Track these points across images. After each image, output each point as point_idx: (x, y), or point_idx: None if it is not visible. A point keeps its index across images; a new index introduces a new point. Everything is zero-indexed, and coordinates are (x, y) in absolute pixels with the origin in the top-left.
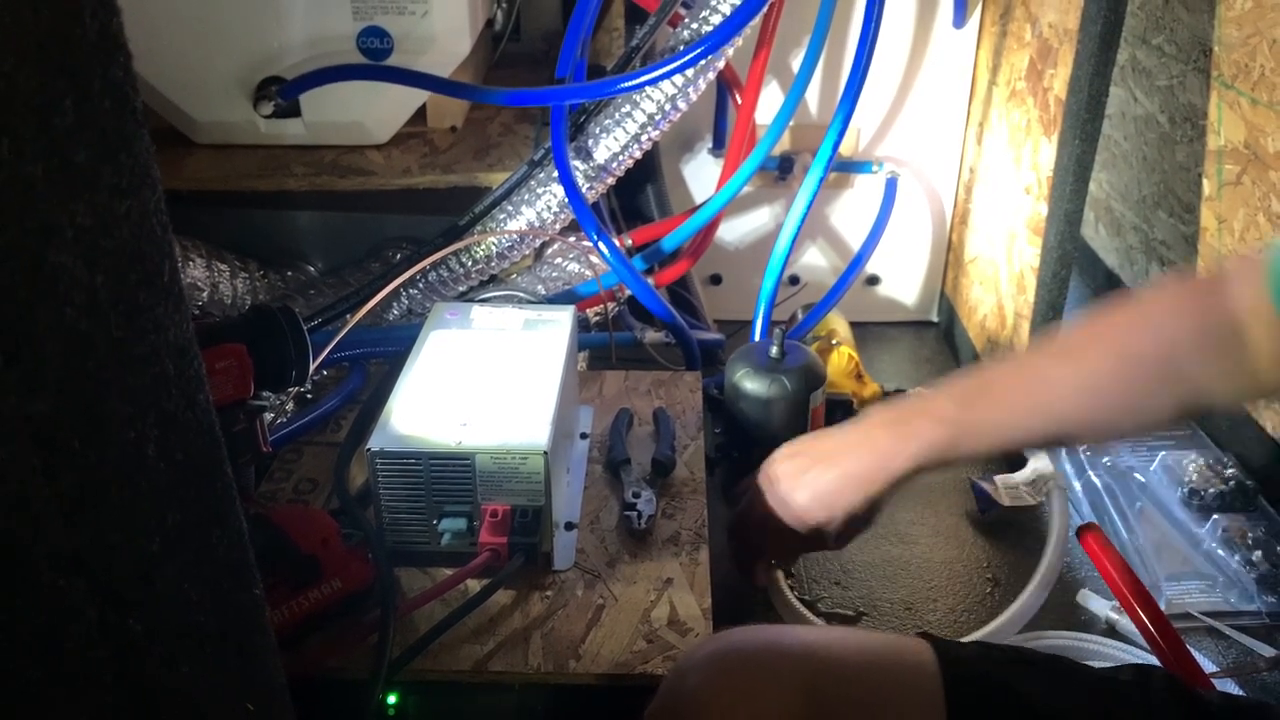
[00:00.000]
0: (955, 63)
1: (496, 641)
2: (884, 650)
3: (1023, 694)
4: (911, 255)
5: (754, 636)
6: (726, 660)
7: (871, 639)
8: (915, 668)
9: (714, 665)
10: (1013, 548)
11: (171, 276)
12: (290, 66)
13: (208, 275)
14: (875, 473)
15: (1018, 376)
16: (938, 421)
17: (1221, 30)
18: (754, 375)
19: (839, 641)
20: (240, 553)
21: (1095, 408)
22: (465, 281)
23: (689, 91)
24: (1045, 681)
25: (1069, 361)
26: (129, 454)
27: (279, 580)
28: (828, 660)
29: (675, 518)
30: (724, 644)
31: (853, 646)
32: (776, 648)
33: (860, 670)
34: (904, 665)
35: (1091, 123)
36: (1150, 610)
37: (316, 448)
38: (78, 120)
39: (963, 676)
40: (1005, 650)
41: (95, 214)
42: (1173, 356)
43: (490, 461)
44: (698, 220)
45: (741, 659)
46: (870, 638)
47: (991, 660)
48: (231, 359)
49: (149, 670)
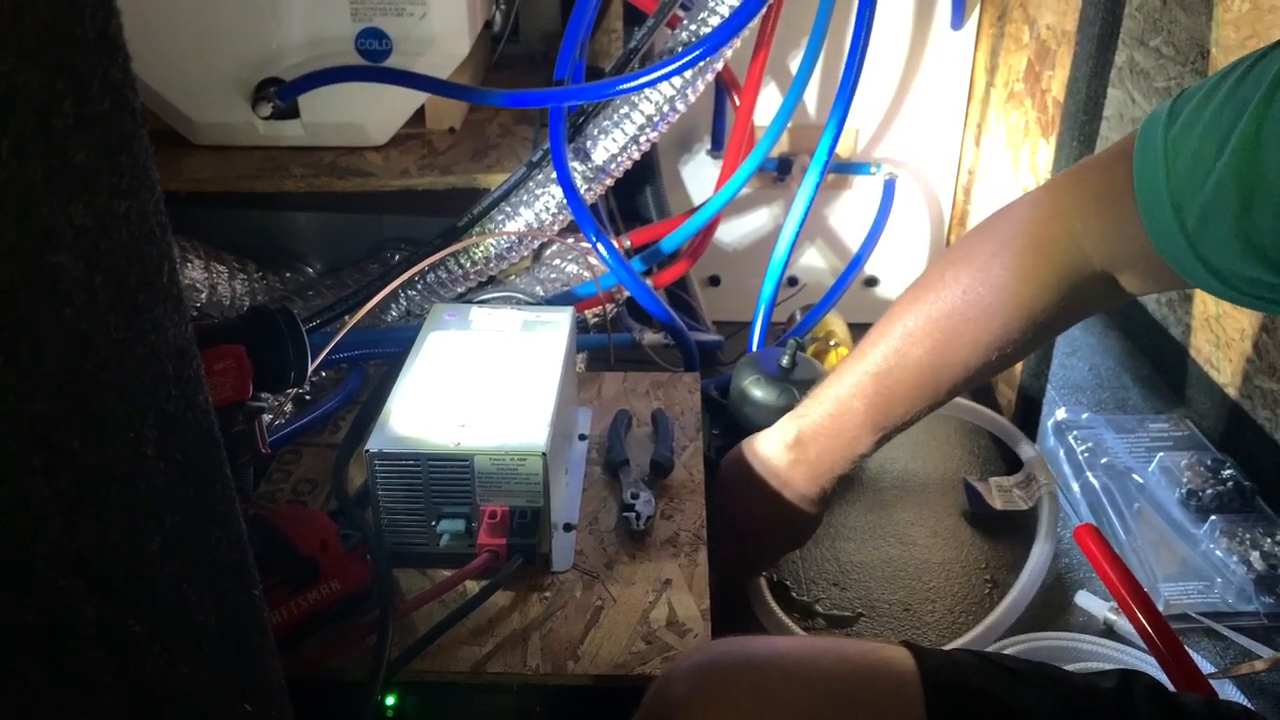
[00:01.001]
0: (953, 64)
1: (495, 643)
2: (865, 660)
3: (1004, 702)
4: (910, 256)
5: (738, 649)
6: (711, 673)
7: (852, 649)
8: (896, 677)
9: (698, 677)
10: (1011, 548)
11: (171, 277)
12: (289, 68)
13: (206, 276)
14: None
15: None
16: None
17: (1219, 32)
18: (763, 384)
19: (822, 653)
20: (239, 553)
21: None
22: (464, 283)
23: (687, 93)
24: (1027, 690)
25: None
26: (128, 454)
27: (277, 581)
28: (810, 672)
29: (674, 519)
30: (709, 656)
31: (834, 657)
32: (759, 660)
33: (841, 681)
34: (885, 675)
35: (1089, 124)
36: (1148, 611)
37: (315, 449)
38: (77, 121)
39: (943, 685)
40: (987, 658)
41: (95, 215)
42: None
43: (489, 462)
44: (696, 221)
45: (725, 672)
46: (851, 647)
47: (972, 669)
48: (230, 360)
49: (148, 670)
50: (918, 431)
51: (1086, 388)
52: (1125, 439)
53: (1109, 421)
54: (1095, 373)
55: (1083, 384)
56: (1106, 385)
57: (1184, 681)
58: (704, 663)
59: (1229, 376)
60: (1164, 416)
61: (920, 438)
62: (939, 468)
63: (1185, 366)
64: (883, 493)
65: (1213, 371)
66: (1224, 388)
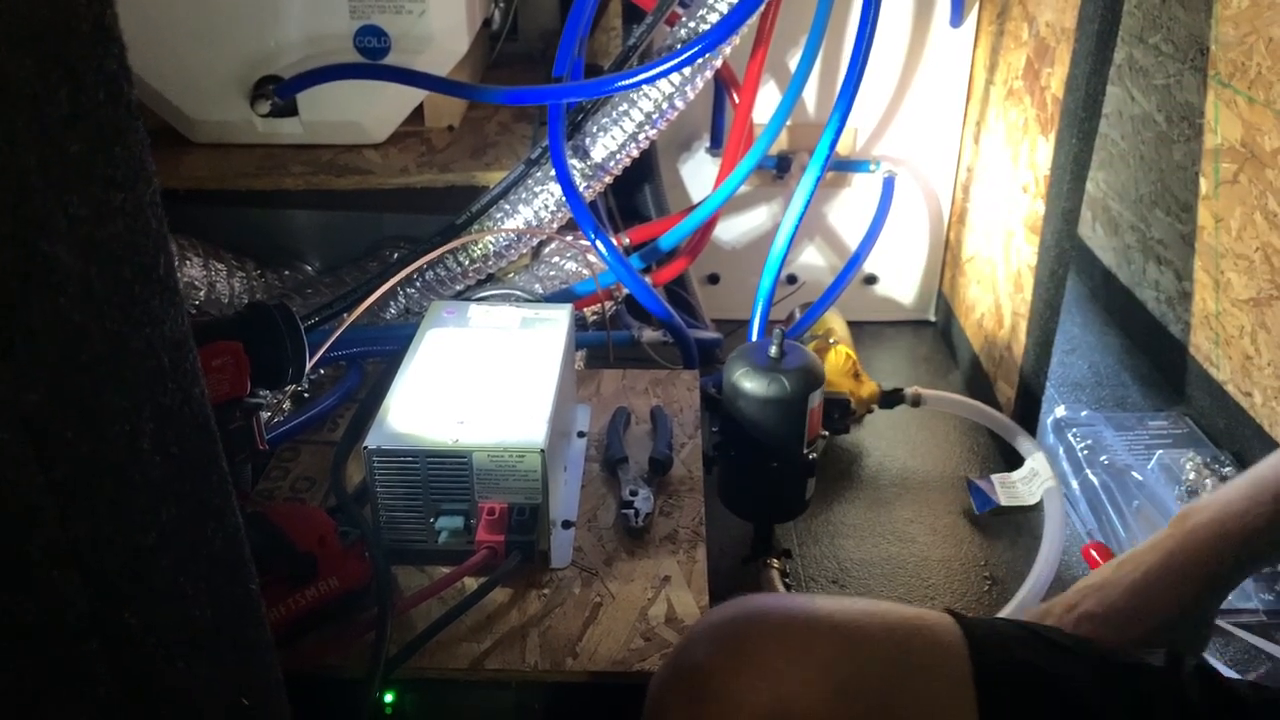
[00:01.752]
0: (953, 62)
1: (493, 639)
2: (911, 627)
3: (1051, 675)
4: (909, 254)
5: (771, 605)
6: (737, 631)
7: (895, 614)
8: (942, 644)
9: (723, 636)
10: (1010, 546)
11: (167, 270)
12: (287, 65)
13: (205, 274)
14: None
15: None
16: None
17: (1218, 29)
18: (753, 375)
19: (864, 615)
20: (236, 547)
21: None
22: (463, 280)
23: (686, 90)
24: (1073, 663)
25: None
26: (124, 447)
27: (276, 578)
28: (852, 634)
29: (673, 516)
30: (735, 611)
31: (878, 622)
32: (794, 617)
33: (885, 647)
34: (932, 644)
35: (1089, 121)
36: None
37: (314, 446)
38: (72, 112)
39: (991, 658)
40: (1033, 629)
41: (89, 206)
42: None
43: (487, 459)
44: (695, 219)
45: (754, 629)
46: (894, 612)
47: (1018, 640)
48: (228, 356)
49: (143, 663)
50: (917, 429)
51: (1086, 385)
52: (1124, 436)
53: (1108, 419)
54: (1094, 370)
55: (1082, 382)
56: (1106, 383)
57: None
58: (730, 620)
59: (1228, 374)
60: (1163, 414)
61: (919, 435)
62: (938, 465)
63: (1185, 364)
64: (882, 490)
65: (1212, 369)
66: (1223, 385)
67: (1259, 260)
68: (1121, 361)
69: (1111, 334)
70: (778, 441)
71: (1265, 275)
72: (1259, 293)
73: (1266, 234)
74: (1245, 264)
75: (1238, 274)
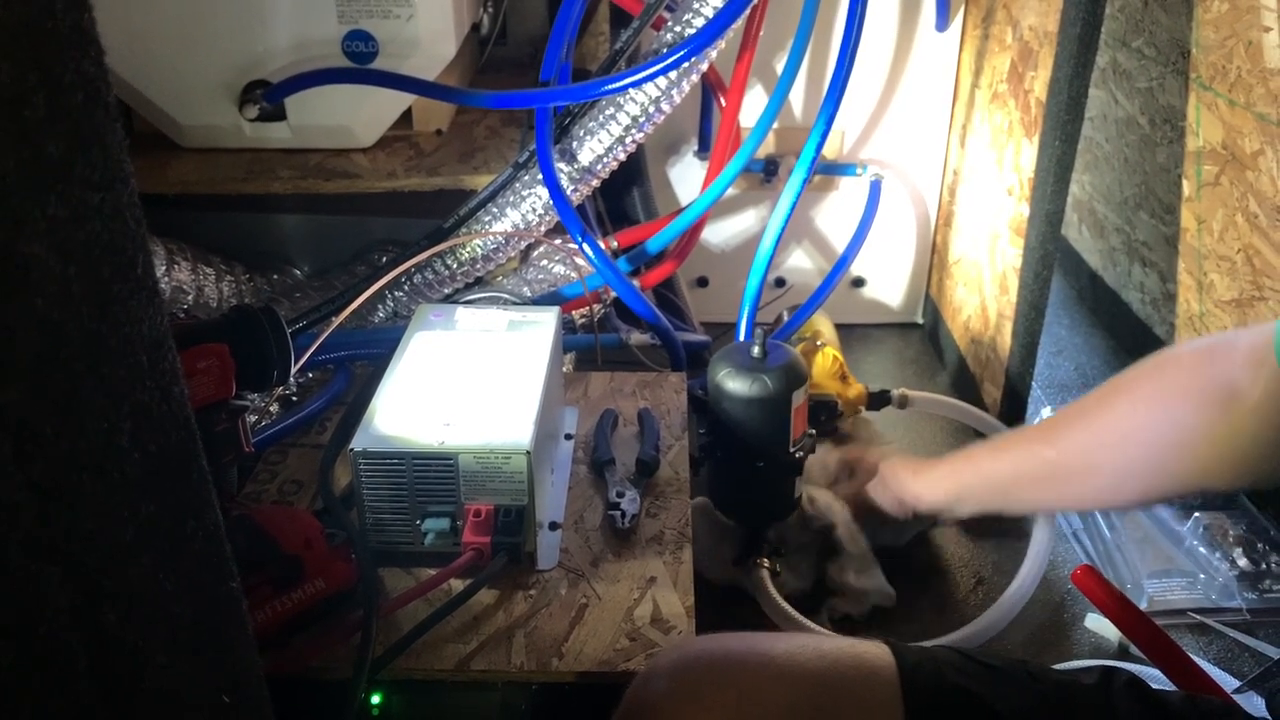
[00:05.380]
0: (938, 66)
1: (479, 640)
2: (844, 657)
3: (981, 697)
4: (896, 257)
5: (717, 646)
6: (690, 671)
7: (831, 645)
8: (874, 674)
9: (677, 675)
10: (997, 546)
11: (146, 270)
12: (275, 70)
13: (194, 278)
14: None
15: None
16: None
17: (1199, 32)
18: (736, 375)
19: (800, 650)
20: (217, 545)
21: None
22: (451, 284)
23: (673, 94)
24: (1005, 686)
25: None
26: (102, 444)
27: (262, 580)
28: (789, 669)
29: (659, 517)
30: (687, 653)
31: (812, 653)
32: (738, 658)
33: (820, 678)
34: (863, 672)
35: (1072, 124)
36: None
37: (301, 449)
38: (49, 113)
39: (920, 683)
40: (967, 655)
41: (68, 206)
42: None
43: (473, 461)
44: (683, 222)
45: (704, 669)
46: (830, 644)
47: (951, 665)
48: (213, 359)
49: (123, 660)
50: (904, 430)
51: (1072, 387)
52: None
53: None
54: (1080, 372)
55: (1068, 383)
56: (1092, 384)
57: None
58: (683, 660)
59: None
60: None
61: (906, 436)
62: None
63: None
64: None
65: None
66: None
67: (1240, 262)
68: (1107, 363)
69: (1098, 336)
70: (763, 441)
71: (1247, 276)
72: (1241, 294)
73: (1248, 235)
74: (1228, 265)
75: (1220, 275)
